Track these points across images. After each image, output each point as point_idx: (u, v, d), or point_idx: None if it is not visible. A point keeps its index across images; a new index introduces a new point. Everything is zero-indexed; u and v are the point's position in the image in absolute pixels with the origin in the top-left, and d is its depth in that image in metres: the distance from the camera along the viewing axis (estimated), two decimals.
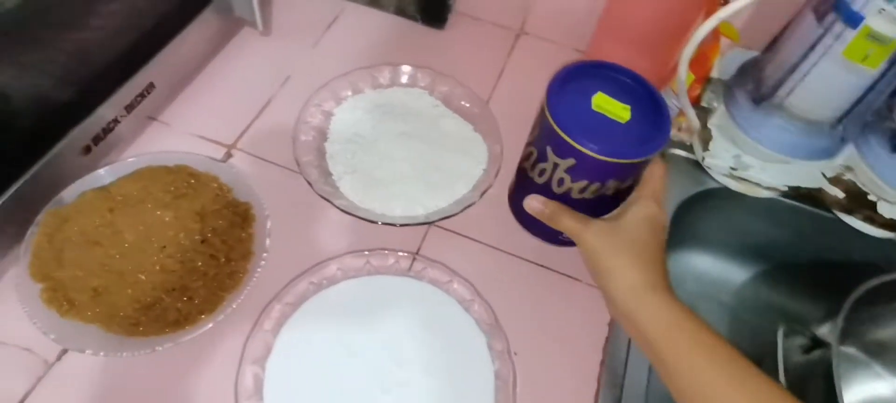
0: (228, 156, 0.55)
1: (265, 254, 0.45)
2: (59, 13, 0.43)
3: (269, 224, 0.47)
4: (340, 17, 0.69)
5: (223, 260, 0.44)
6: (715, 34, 0.54)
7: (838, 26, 0.46)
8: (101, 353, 0.39)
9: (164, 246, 0.43)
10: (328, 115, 0.57)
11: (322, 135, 0.56)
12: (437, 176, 0.52)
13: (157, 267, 0.42)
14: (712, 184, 0.59)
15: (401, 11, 0.69)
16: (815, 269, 0.64)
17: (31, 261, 0.42)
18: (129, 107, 0.52)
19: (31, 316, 0.40)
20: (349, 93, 0.58)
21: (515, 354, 0.45)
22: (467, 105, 0.59)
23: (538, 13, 0.72)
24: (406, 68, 0.61)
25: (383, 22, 0.69)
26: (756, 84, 0.53)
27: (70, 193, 0.46)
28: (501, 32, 0.70)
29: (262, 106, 0.60)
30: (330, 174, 0.52)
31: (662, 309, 0.37)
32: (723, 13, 0.45)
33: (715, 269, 0.69)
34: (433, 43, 0.68)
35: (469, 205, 0.51)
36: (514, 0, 0.72)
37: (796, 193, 0.57)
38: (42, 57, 0.43)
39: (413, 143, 0.54)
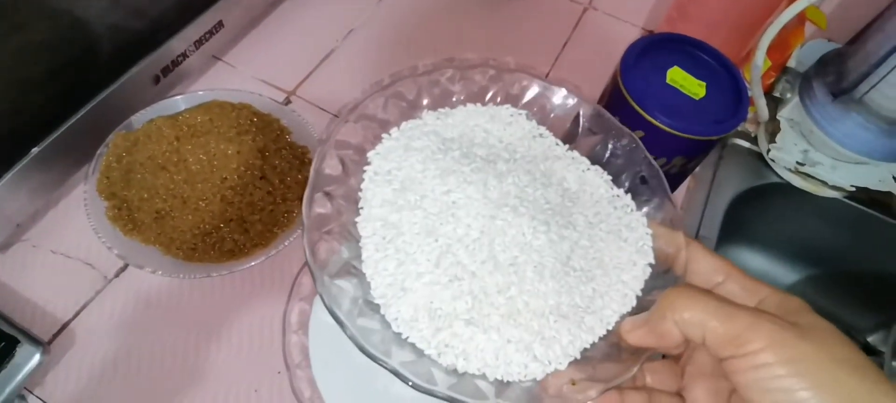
0: (288, 101, 0.56)
1: None
2: None
3: None
4: None
5: (279, 198, 0.45)
6: (799, 19, 0.51)
7: None
8: (159, 272, 0.41)
9: (225, 178, 0.43)
10: (357, 163, 0.30)
11: (350, 200, 0.29)
12: (581, 292, 0.27)
13: (218, 197, 0.43)
14: (773, 179, 0.57)
15: None
16: (872, 277, 0.62)
17: (100, 179, 0.44)
18: (198, 43, 0.53)
19: (96, 231, 0.42)
20: (392, 118, 0.32)
21: None
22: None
23: None
24: (479, 74, 0.33)
25: None
26: (837, 77, 0.51)
27: (139, 119, 0.47)
28: (568, 5, 0.68)
29: (324, 56, 0.60)
30: (368, 286, 0.27)
31: None
32: None
33: (764, 268, 0.67)
34: (496, 9, 0.67)
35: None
36: None
37: (863, 196, 0.54)
38: None
39: (524, 223, 0.27)
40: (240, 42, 0.59)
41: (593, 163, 0.32)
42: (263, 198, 0.44)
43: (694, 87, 0.41)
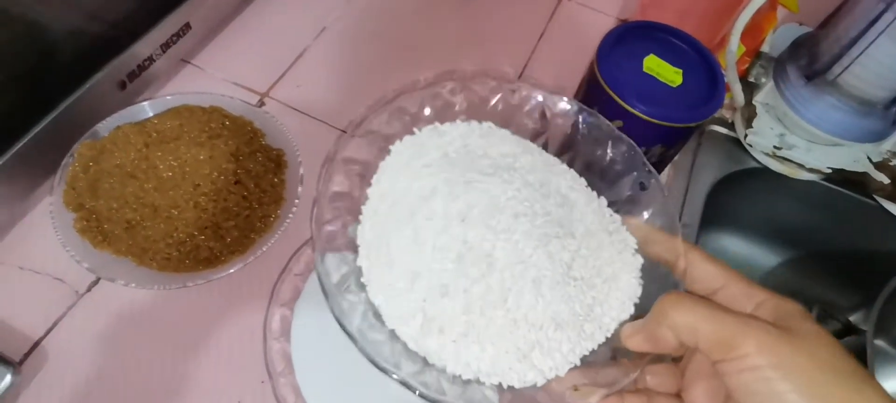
0: (261, 103, 0.55)
1: (297, 201, 0.45)
2: None
3: (301, 170, 0.47)
4: None
5: (255, 203, 0.44)
6: (771, 4, 0.52)
7: None
8: (133, 284, 0.39)
9: (198, 184, 0.42)
10: (362, 177, 0.31)
11: (355, 213, 0.30)
12: (580, 301, 0.27)
13: (191, 205, 0.41)
14: (752, 164, 0.57)
15: None
16: (851, 257, 0.63)
17: (66, 190, 0.42)
18: (165, 46, 0.51)
19: (64, 244, 0.40)
20: (395, 131, 0.32)
21: None
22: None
23: None
24: (478, 85, 0.33)
25: None
26: (809, 60, 0.51)
27: (105, 127, 0.46)
28: None
29: (297, 55, 0.59)
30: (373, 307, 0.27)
31: None
32: None
33: (745, 252, 0.68)
34: (471, 2, 0.66)
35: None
36: None
37: (839, 177, 0.55)
38: None
39: (521, 239, 0.27)
40: (209, 44, 0.58)
41: (594, 169, 0.33)
42: (239, 203, 0.43)
43: (670, 75, 0.41)
